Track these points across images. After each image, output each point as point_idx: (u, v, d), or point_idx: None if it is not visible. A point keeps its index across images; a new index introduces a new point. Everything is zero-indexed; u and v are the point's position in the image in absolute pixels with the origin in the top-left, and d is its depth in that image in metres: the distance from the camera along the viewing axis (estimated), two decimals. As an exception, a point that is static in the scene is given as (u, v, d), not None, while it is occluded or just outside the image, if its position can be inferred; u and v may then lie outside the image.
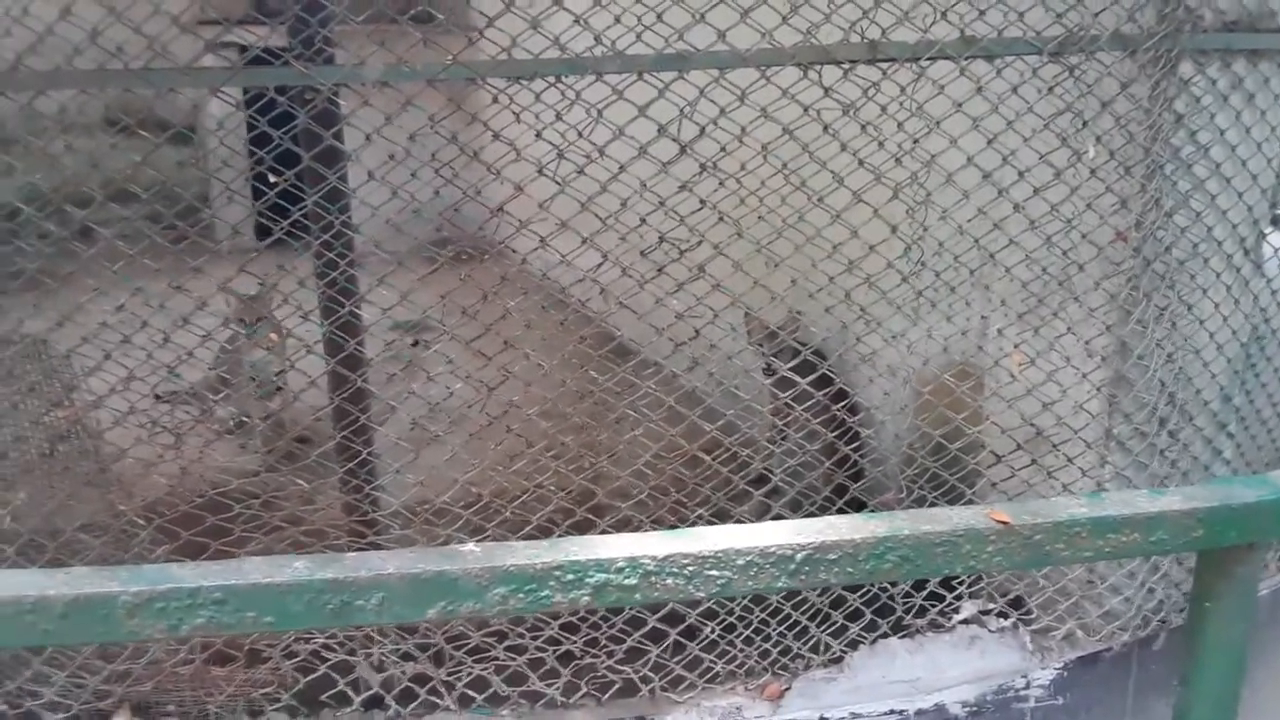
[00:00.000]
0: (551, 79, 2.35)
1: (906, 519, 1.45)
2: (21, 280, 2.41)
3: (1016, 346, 2.93)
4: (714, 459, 2.69)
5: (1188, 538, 1.56)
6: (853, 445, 3.04)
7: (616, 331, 3.26)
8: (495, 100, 2.36)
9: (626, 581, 1.35)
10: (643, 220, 2.49)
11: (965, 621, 2.82)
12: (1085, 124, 2.66)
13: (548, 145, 2.39)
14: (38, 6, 2.15)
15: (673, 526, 2.68)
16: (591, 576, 1.34)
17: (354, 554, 1.34)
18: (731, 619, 2.72)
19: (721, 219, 2.57)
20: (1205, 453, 2.95)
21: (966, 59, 2.53)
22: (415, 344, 4.70)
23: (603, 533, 2.56)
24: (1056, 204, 2.69)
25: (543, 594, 1.33)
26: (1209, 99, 2.72)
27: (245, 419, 4.25)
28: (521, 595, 1.32)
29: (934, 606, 2.81)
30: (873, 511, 3.16)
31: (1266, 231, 2.97)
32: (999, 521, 1.44)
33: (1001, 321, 3.01)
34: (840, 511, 2.85)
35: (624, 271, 2.50)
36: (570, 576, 1.33)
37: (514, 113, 2.36)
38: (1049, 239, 2.73)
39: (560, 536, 2.54)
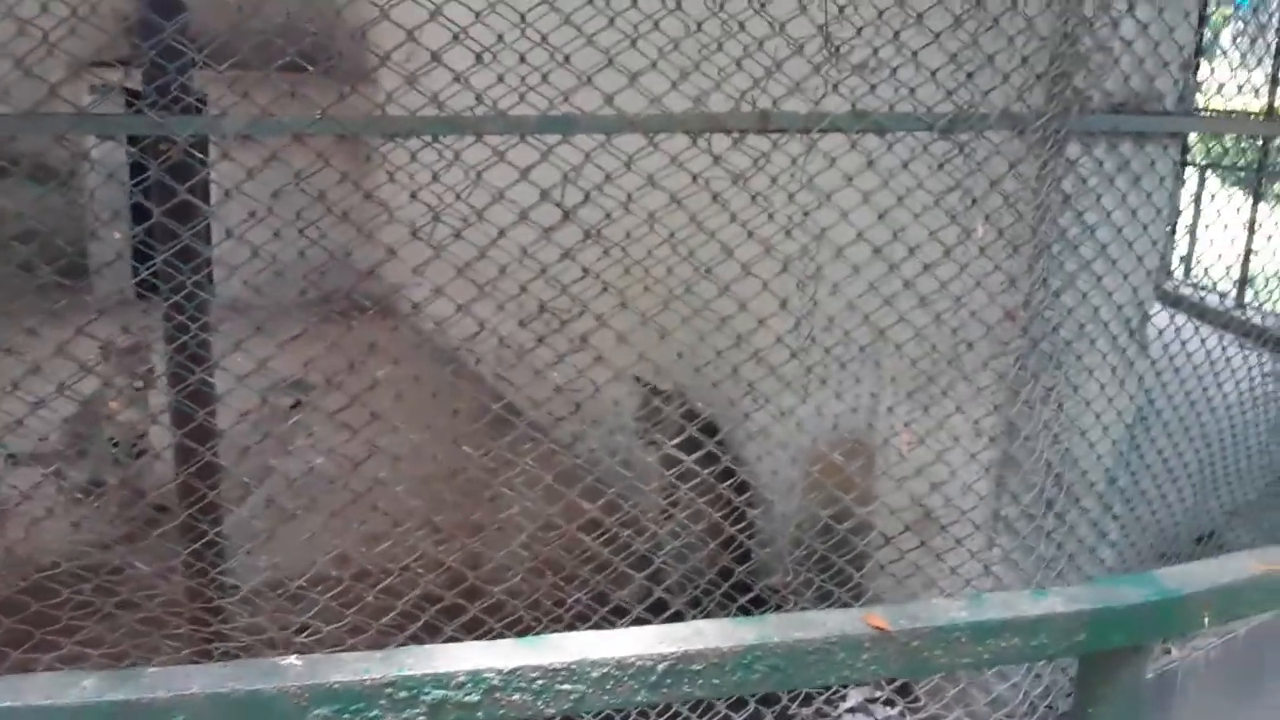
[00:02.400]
0: (428, 138, 2.23)
1: (777, 625, 1.34)
2: None
3: (906, 425, 2.88)
4: (594, 539, 2.57)
5: (1071, 641, 1.48)
6: (739, 526, 2.94)
7: (503, 395, 3.12)
8: (369, 159, 2.24)
9: (468, 699, 1.21)
10: (523, 289, 2.37)
11: (852, 710, 2.73)
12: (974, 201, 2.65)
13: (424, 207, 2.27)
14: None
15: (550, 610, 2.54)
16: (428, 694, 1.20)
17: (155, 669, 1.19)
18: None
19: (606, 288, 2.47)
20: (1091, 535, 2.93)
21: (858, 132, 2.50)
22: (296, 405, 4.48)
23: (474, 618, 2.41)
24: (946, 281, 2.66)
25: (371, 714, 1.18)
26: (1095, 179, 2.74)
27: (97, 486, 3.97)
28: (347, 717, 1.17)
29: (820, 694, 2.70)
30: (760, 594, 3.06)
31: (1151, 312, 2.99)
32: (875, 627, 1.35)
33: (892, 399, 2.96)
34: (726, 595, 2.74)
35: (501, 341, 2.39)
36: (403, 694, 1.19)
37: (388, 172, 2.24)
38: (938, 316, 2.70)
39: (429, 621, 2.40)
